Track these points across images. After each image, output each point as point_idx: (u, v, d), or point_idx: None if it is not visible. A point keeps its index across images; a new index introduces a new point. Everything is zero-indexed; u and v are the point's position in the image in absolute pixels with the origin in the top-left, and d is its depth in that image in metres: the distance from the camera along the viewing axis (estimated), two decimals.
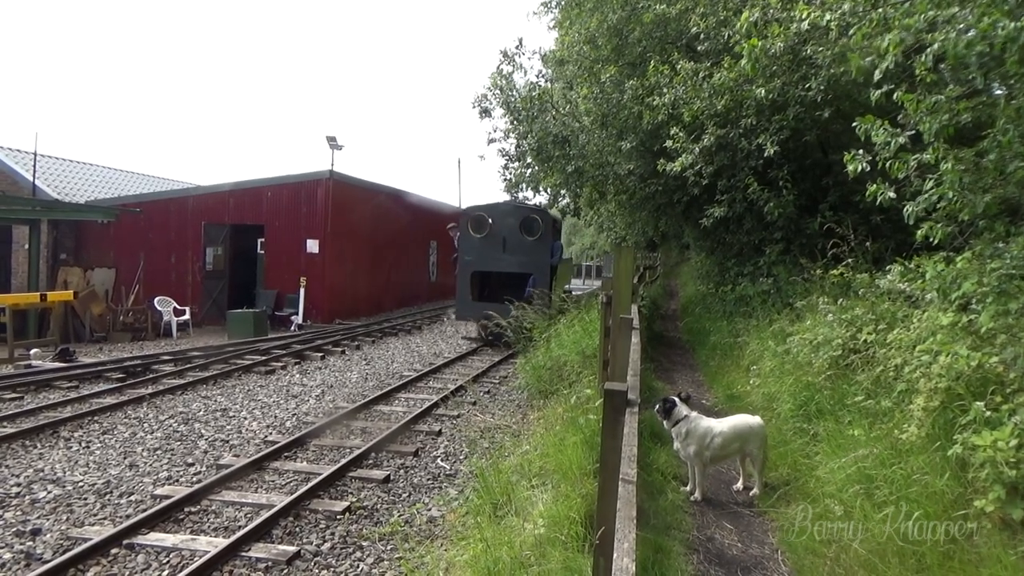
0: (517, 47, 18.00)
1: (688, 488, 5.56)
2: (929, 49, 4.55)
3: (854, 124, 5.34)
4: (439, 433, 8.51)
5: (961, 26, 4.41)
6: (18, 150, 21.73)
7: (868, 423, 4.97)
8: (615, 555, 2.10)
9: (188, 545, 5.25)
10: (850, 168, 5.32)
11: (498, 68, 17.99)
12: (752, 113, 9.81)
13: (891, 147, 4.97)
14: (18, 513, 5.87)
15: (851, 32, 5.29)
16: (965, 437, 3.68)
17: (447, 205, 32.27)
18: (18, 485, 6.52)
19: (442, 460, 7.54)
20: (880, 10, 5.02)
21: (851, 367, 6.03)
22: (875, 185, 5.23)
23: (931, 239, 4.98)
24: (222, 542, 5.22)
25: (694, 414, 5.44)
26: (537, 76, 20.47)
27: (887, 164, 5.07)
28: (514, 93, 17.28)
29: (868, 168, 5.27)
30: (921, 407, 4.24)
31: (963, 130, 5.02)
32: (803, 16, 5.95)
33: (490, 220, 16.29)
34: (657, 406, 5.56)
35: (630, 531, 2.22)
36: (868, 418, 5.06)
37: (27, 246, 17.95)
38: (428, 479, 7.00)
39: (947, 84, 4.98)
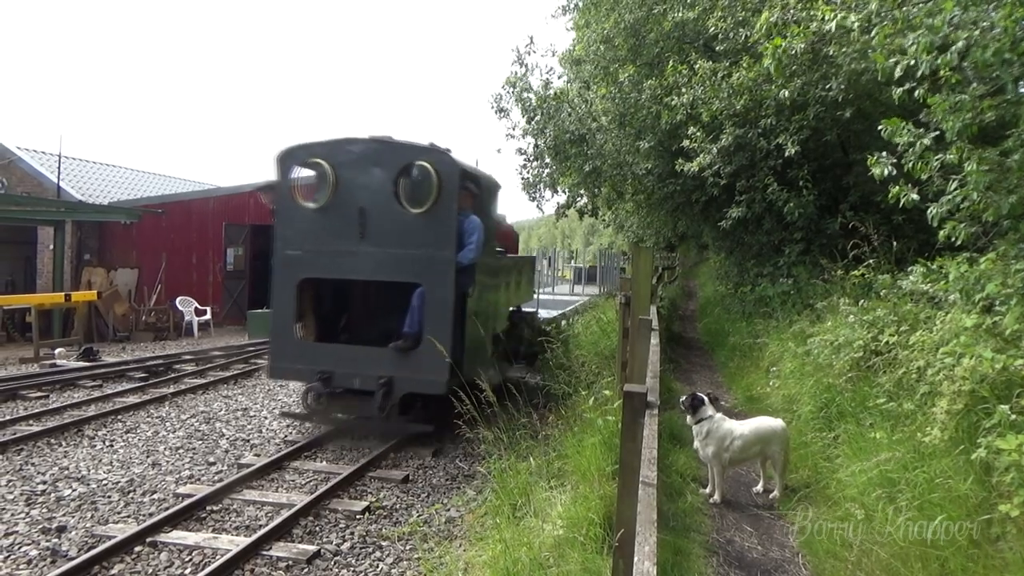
0: (528, 44, 17.96)
1: (707, 490, 5.53)
2: (954, 48, 4.50)
3: (879, 127, 5.30)
4: (456, 435, 8.53)
5: (986, 24, 4.36)
6: (43, 152, 22.05)
7: (890, 426, 4.92)
8: (636, 558, 2.11)
9: (210, 544, 5.31)
10: (876, 172, 5.29)
11: (512, 68, 18.03)
12: (772, 113, 9.75)
13: (916, 148, 4.92)
14: (44, 510, 5.96)
15: (874, 32, 5.25)
16: (989, 440, 3.63)
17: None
18: (44, 483, 6.62)
19: (460, 460, 7.57)
20: (904, 9, 4.97)
21: (873, 369, 5.97)
22: (898, 187, 5.18)
23: (954, 239, 4.92)
24: (243, 540, 5.28)
25: (718, 415, 5.42)
26: (549, 73, 20.44)
27: (911, 165, 5.03)
28: (530, 95, 17.29)
29: (894, 172, 5.23)
30: (944, 410, 4.19)
31: (986, 129, 4.95)
32: (828, 18, 5.91)
33: (332, 173, 7.61)
34: (683, 399, 5.55)
35: (651, 534, 2.23)
36: (890, 421, 5.01)
37: (52, 247, 18.21)
38: (447, 479, 7.03)
39: (970, 82, 4.92)
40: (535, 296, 14.56)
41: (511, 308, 10.81)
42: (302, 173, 8.04)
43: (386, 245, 7.47)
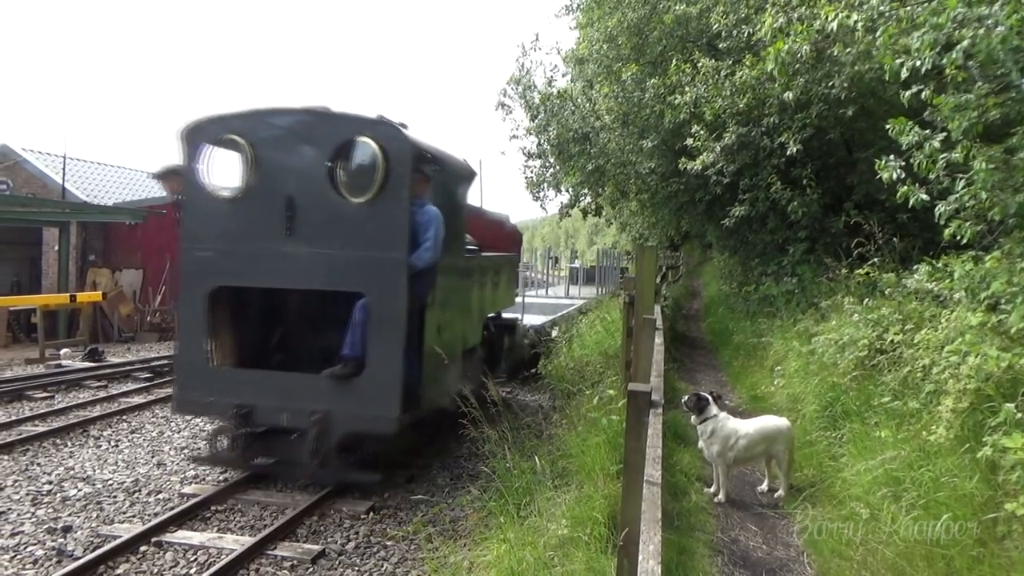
0: (533, 42, 18.03)
1: (712, 489, 5.53)
2: (959, 46, 4.49)
3: (887, 127, 5.30)
4: (461, 435, 8.54)
5: (990, 22, 4.34)
6: (48, 153, 22.12)
7: (895, 425, 4.91)
8: (640, 557, 2.11)
9: (215, 543, 5.32)
10: (884, 176, 5.29)
11: (516, 65, 18.05)
12: (775, 111, 9.74)
13: (926, 149, 4.92)
14: (50, 510, 5.98)
15: (879, 32, 5.24)
16: (995, 439, 3.62)
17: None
18: (50, 483, 6.64)
19: (464, 460, 7.57)
20: (908, 8, 4.96)
21: (878, 368, 5.96)
22: (906, 187, 5.18)
23: (959, 238, 4.91)
24: (248, 540, 5.29)
25: (723, 414, 5.42)
26: (553, 70, 20.46)
27: (918, 164, 5.02)
28: (534, 94, 17.30)
29: (903, 175, 5.23)
30: (950, 408, 4.18)
31: (991, 126, 4.94)
32: (830, 17, 5.90)
33: (252, 153, 6.13)
34: (686, 398, 5.54)
35: (655, 533, 2.23)
36: (895, 420, 5.00)
37: (57, 248, 18.28)
38: (451, 479, 7.04)
39: (975, 81, 4.91)
40: (521, 299, 12.38)
41: (489, 315, 9.45)
42: (214, 153, 6.35)
43: (320, 244, 5.98)
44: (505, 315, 10.63)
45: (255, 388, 6.21)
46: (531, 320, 12.07)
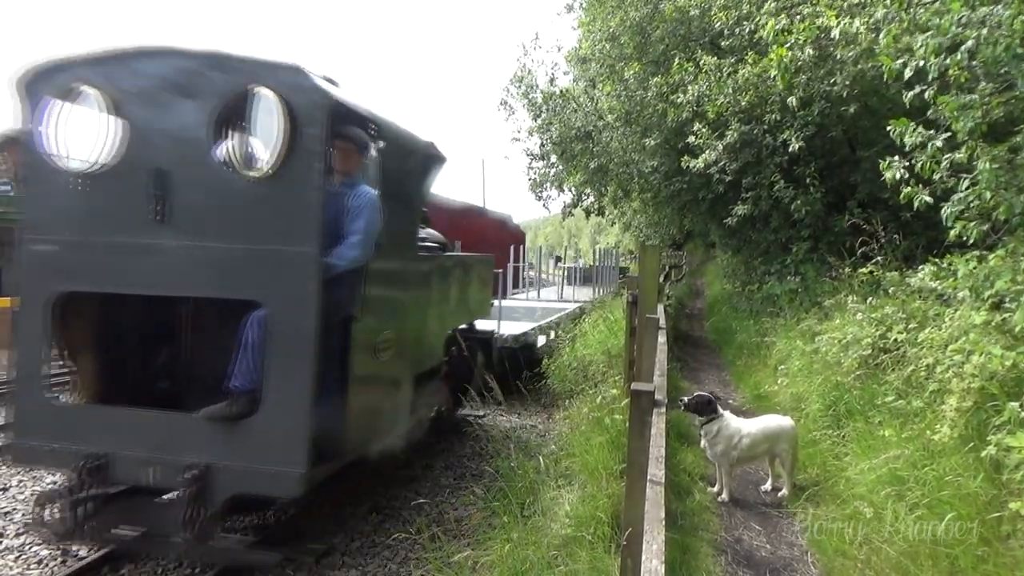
0: (534, 40, 18.07)
1: (715, 489, 5.53)
2: (963, 47, 4.49)
3: (888, 128, 5.30)
4: (464, 433, 8.55)
5: (994, 21, 4.34)
6: None
7: (899, 424, 4.91)
8: (644, 556, 2.11)
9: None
10: (887, 176, 5.30)
11: (518, 64, 18.09)
12: (777, 109, 9.73)
13: (929, 149, 4.91)
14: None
15: (882, 35, 5.24)
16: (999, 438, 3.62)
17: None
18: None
19: (468, 460, 7.57)
20: (911, 11, 4.97)
21: (881, 367, 5.95)
22: (910, 188, 5.18)
23: (965, 238, 4.91)
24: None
25: (726, 413, 5.42)
26: (554, 68, 20.50)
27: (922, 165, 5.02)
28: (536, 94, 17.32)
29: (907, 175, 5.23)
30: (954, 407, 4.17)
31: (995, 126, 4.94)
32: (832, 24, 5.92)
33: (111, 108, 4.39)
34: (687, 400, 5.50)
35: (659, 532, 2.23)
36: (899, 419, 5.00)
37: None
38: (454, 479, 7.04)
39: (979, 80, 4.90)
40: (498, 303, 9.98)
41: (457, 328, 7.63)
42: (62, 111, 4.57)
43: (201, 235, 4.31)
44: (481, 325, 8.86)
45: (114, 433, 4.47)
46: (513, 328, 10.13)
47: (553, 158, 17.69)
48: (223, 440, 4.32)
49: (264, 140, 4.44)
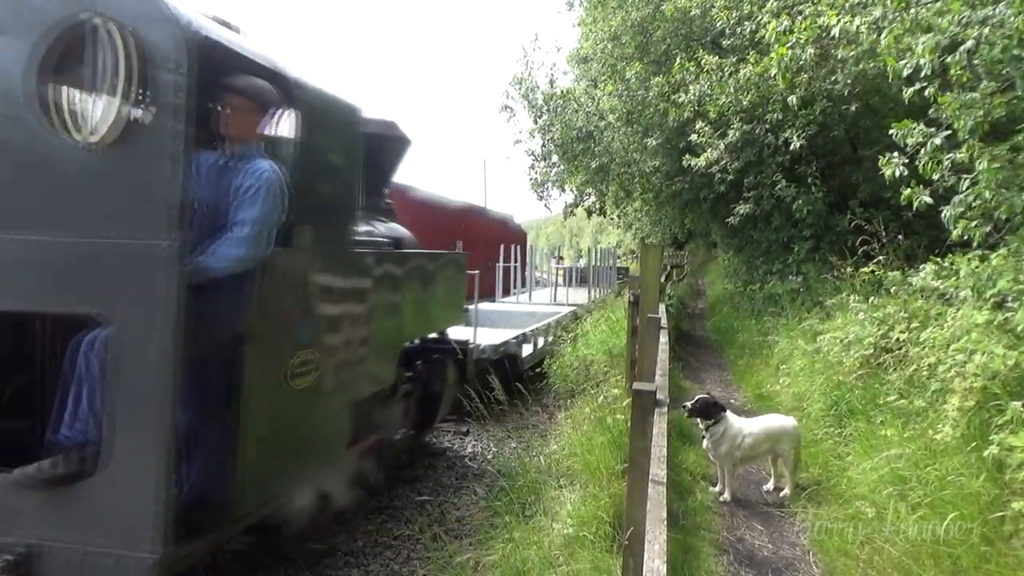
0: (534, 41, 18.08)
1: (717, 488, 5.52)
2: (963, 47, 4.49)
3: (891, 131, 5.30)
4: (466, 433, 8.55)
5: (995, 21, 4.34)
6: None
7: (901, 423, 4.91)
8: (646, 556, 2.11)
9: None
10: (887, 172, 5.30)
11: (518, 65, 18.11)
12: (778, 108, 9.73)
13: (928, 148, 4.91)
14: None
15: (883, 35, 5.24)
16: (1002, 438, 3.62)
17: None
18: None
19: (470, 460, 7.58)
20: (912, 11, 4.97)
21: (883, 366, 5.95)
22: (910, 188, 5.18)
23: (967, 238, 4.91)
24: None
25: (728, 414, 5.41)
26: (553, 68, 20.51)
27: (922, 165, 5.02)
28: (537, 95, 17.31)
29: (906, 172, 5.23)
30: (956, 407, 4.17)
31: (996, 125, 4.94)
32: (833, 23, 5.92)
33: None
34: (689, 404, 5.46)
35: (660, 532, 2.23)
36: (901, 418, 4.99)
37: None
38: (456, 478, 7.04)
39: (980, 79, 4.90)
40: (474, 308, 8.51)
41: (423, 338, 6.60)
42: None
43: (14, 223, 3.04)
44: (454, 335, 7.41)
45: None
46: (493, 337, 9.00)
47: (554, 158, 17.69)
48: (50, 511, 3.03)
49: (105, 91, 3.10)
